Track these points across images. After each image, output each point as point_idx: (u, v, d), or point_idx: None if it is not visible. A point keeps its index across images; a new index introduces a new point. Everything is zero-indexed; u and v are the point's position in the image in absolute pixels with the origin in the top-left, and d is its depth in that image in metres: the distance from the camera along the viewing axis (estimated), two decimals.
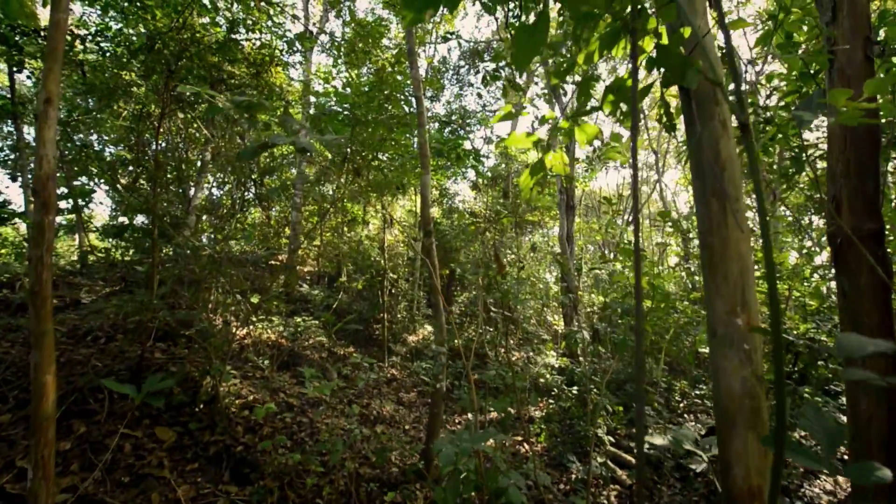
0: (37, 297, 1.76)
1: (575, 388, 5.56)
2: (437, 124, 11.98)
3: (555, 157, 1.04)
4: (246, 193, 8.02)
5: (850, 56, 1.23)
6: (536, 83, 10.96)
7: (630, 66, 0.94)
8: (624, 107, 1.00)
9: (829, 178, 1.27)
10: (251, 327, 5.30)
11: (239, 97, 1.73)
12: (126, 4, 4.43)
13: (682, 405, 6.58)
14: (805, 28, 2.69)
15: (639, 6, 0.76)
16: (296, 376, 4.95)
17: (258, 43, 5.52)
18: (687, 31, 0.84)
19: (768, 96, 4.56)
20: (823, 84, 1.57)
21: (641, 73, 0.99)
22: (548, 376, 5.90)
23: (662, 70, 0.82)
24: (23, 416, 2.87)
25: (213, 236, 6.08)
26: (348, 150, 6.45)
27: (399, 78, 5.20)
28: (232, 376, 3.99)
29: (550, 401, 5.63)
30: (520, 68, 0.84)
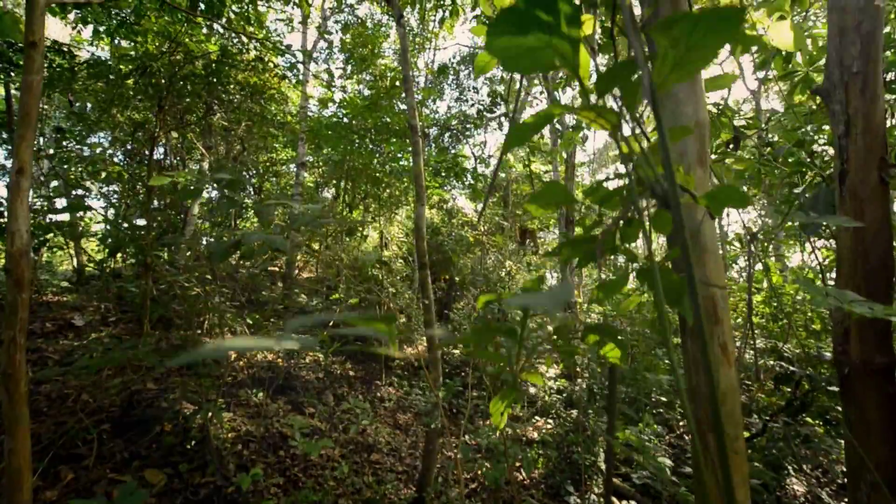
0: (10, 380, 1.70)
1: (574, 410, 5.50)
2: (436, 129, 11.86)
3: None
4: (245, 199, 7.96)
5: (863, 178, 1.14)
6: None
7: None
8: None
9: None
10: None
11: (219, 174, 1.65)
12: (115, 24, 4.34)
13: (682, 424, 6.52)
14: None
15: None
16: (290, 402, 4.91)
17: (252, 54, 5.41)
18: (676, 252, 0.75)
19: (767, 121, 4.47)
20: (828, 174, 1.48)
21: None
22: (547, 398, 5.85)
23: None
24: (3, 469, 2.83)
25: (210, 238, 6.00)
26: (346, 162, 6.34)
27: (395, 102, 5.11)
28: (224, 409, 3.95)
29: (549, 422, 5.57)
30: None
